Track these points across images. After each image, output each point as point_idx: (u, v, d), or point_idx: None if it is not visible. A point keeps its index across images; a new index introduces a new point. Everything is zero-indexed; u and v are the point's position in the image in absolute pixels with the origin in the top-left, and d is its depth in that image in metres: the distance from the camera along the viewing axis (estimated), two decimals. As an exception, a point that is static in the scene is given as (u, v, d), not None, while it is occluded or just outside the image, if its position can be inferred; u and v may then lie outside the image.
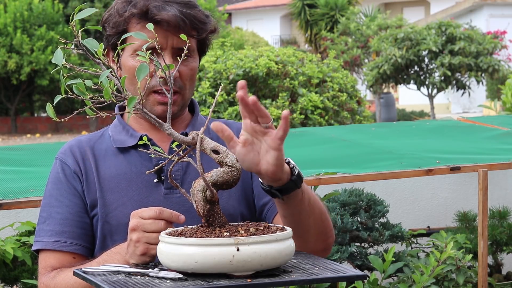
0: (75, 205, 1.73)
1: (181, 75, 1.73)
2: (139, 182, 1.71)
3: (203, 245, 1.33)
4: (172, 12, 1.68)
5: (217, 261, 1.32)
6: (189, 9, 1.71)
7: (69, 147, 1.79)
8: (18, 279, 3.34)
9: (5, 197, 2.90)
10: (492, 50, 15.19)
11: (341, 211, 3.84)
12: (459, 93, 16.93)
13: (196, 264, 1.33)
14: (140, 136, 1.74)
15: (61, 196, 1.74)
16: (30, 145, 4.39)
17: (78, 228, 1.72)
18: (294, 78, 7.28)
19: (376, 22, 18.28)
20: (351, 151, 4.05)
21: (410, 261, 3.72)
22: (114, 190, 1.72)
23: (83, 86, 1.36)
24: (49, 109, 1.39)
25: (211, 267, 1.32)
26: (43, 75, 21.35)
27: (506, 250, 4.28)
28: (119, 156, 1.76)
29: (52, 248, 1.71)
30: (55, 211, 1.73)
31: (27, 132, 22.53)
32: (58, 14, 22.34)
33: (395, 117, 17.88)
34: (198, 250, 1.33)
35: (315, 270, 1.41)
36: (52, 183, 1.76)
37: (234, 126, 1.78)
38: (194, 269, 1.34)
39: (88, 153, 1.77)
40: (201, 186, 1.42)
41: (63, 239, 1.70)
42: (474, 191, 4.61)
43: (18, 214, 3.72)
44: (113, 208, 1.70)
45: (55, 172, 1.77)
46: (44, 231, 1.73)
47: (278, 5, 34.45)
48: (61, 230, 1.71)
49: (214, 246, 1.32)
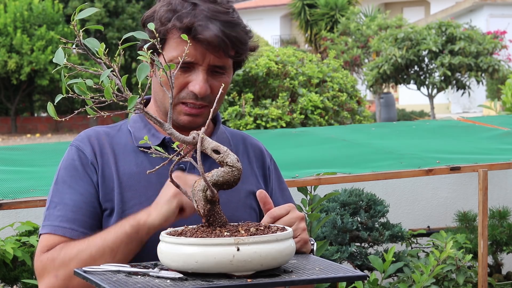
0: (90, 195, 1.69)
1: (213, 91, 1.72)
2: (158, 184, 1.68)
3: (204, 245, 1.33)
4: (214, 32, 1.65)
5: (218, 261, 1.32)
6: (232, 29, 1.68)
7: (87, 136, 1.75)
8: (18, 279, 3.34)
9: (5, 197, 2.90)
10: (492, 50, 15.19)
11: (341, 211, 3.84)
12: (459, 93, 16.93)
13: (196, 264, 1.33)
14: (163, 137, 1.75)
15: (75, 184, 1.70)
16: (30, 145, 4.39)
17: (90, 218, 1.68)
18: (294, 78, 7.29)
19: (376, 22, 18.29)
20: (351, 151, 4.05)
21: (410, 261, 3.72)
22: (133, 188, 1.70)
23: (84, 86, 1.36)
24: (50, 108, 1.39)
25: (212, 267, 1.32)
26: (43, 75, 21.35)
27: (506, 250, 4.27)
28: (139, 154, 1.74)
29: (61, 234, 1.66)
30: (68, 198, 1.68)
31: (27, 132, 22.53)
32: (58, 14, 22.34)
33: (395, 117, 17.88)
34: (198, 250, 1.33)
35: (315, 270, 1.41)
36: (65, 169, 1.72)
37: (248, 141, 1.87)
38: (194, 268, 1.33)
39: (107, 146, 1.74)
40: (202, 186, 1.43)
41: (74, 227, 1.66)
42: (474, 191, 4.61)
43: (18, 214, 3.72)
44: (130, 206, 1.68)
45: (69, 158, 1.73)
46: (54, 216, 1.67)
47: (278, 5, 34.44)
48: (73, 217, 1.66)
49: (215, 246, 1.32)
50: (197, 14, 1.67)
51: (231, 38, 1.68)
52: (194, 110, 1.70)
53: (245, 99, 6.98)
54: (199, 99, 1.70)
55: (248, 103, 7.03)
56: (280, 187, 1.92)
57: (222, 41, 1.66)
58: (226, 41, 1.67)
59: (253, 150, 1.89)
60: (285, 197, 1.90)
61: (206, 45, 1.66)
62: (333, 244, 3.78)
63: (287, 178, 3.18)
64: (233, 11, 1.72)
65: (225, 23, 1.67)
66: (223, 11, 1.69)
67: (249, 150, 1.87)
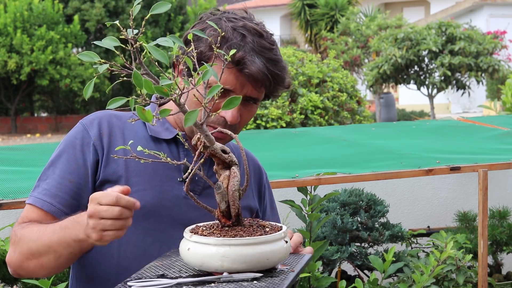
0: (78, 176, 1.73)
1: (241, 119, 1.75)
2: (163, 176, 1.73)
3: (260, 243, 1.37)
4: (259, 68, 1.68)
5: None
6: (274, 67, 1.72)
7: (98, 118, 1.79)
8: (18, 279, 3.34)
9: (5, 197, 2.90)
10: (492, 50, 15.18)
11: (341, 211, 3.84)
12: (459, 93, 16.93)
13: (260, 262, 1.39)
14: (176, 133, 1.78)
15: (68, 162, 1.74)
16: (30, 145, 4.39)
17: (72, 199, 1.72)
18: (294, 78, 7.28)
19: (376, 22, 18.28)
20: (351, 151, 4.05)
21: (410, 261, 3.72)
22: (139, 174, 1.73)
23: (150, 84, 1.32)
24: (87, 88, 1.36)
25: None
26: (43, 75, 21.34)
27: (506, 250, 4.27)
28: (150, 143, 1.77)
29: (40, 206, 1.73)
30: (58, 174, 1.74)
31: (27, 132, 22.53)
32: (58, 14, 22.33)
33: (395, 117, 17.88)
34: (264, 248, 1.38)
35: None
36: (65, 145, 1.77)
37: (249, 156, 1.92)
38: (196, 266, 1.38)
39: (117, 130, 1.77)
40: (237, 186, 1.42)
41: (53, 202, 1.72)
42: (474, 191, 4.62)
43: (18, 214, 3.71)
44: (134, 191, 1.69)
45: (73, 135, 1.77)
46: (40, 188, 1.75)
47: (278, 5, 34.44)
48: (55, 193, 1.72)
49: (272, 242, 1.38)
50: (245, 46, 1.69)
51: (273, 75, 1.71)
52: (220, 135, 1.69)
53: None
54: (227, 127, 1.72)
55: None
56: (272, 207, 1.98)
57: (265, 77, 1.70)
58: (269, 78, 1.70)
59: (253, 165, 1.93)
60: (275, 217, 1.98)
61: (248, 77, 1.69)
62: (333, 244, 3.78)
63: (287, 178, 3.18)
64: (276, 46, 1.75)
65: (269, 60, 1.71)
66: (268, 47, 1.72)
67: (249, 164, 1.90)
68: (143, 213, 1.70)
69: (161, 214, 1.73)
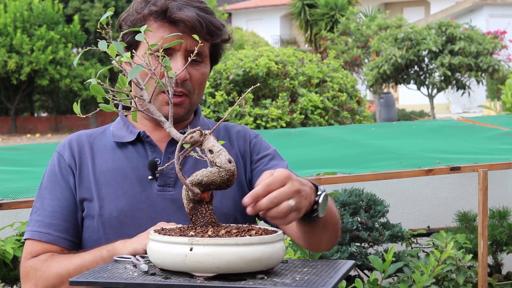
0: (65, 199, 1.75)
1: (192, 79, 1.75)
2: (134, 178, 1.74)
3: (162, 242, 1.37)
4: (190, 14, 1.71)
5: (172, 259, 1.35)
6: (206, 14, 1.74)
7: (69, 140, 1.82)
8: (18, 279, 3.34)
9: (5, 197, 2.90)
10: (492, 50, 15.19)
11: (341, 211, 3.84)
12: (459, 93, 16.93)
13: (158, 260, 1.37)
14: (138, 133, 1.78)
15: (53, 189, 1.77)
16: (30, 145, 4.39)
17: (66, 222, 1.74)
18: (294, 78, 7.29)
19: (376, 22, 18.28)
20: (351, 151, 4.05)
21: (410, 261, 3.72)
22: (109, 184, 1.74)
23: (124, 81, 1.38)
24: (75, 107, 1.44)
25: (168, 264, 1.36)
26: (43, 75, 21.35)
27: (506, 250, 4.27)
28: (116, 151, 1.78)
29: (38, 239, 1.74)
30: (47, 203, 1.76)
31: (27, 132, 22.54)
32: (58, 14, 22.33)
33: (395, 117, 17.88)
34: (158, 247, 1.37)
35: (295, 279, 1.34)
36: (47, 175, 1.80)
37: (233, 128, 1.87)
38: (158, 264, 1.38)
39: (86, 147, 1.79)
40: (185, 185, 1.43)
41: (50, 231, 1.74)
42: (474, 191, 4.61)
43: (18, 214, 3.72)
44: (107, 202, 1.72)
45: (52, 164, 1.80)
46: (34, 221, 1.76)
47: (278, 5, 34.45)
48: (50, 222, 1.74)
49: (170, 244, 1.35)
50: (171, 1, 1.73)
51: (206, 21, 1.73)
52: (175, 99, 1.70)
53: (245, 99, 6.98)
54: (179, 86, 1.72)
55: (248, 103, 7.04)
56: (266, 155, 1.85)
57: (198, 22, 1.71)
58: (202, 23, 1.72)
59: (236, 132, 1.88)
60: (271, 164, 1.82)
61: (183, 27, 1.71)
62: (333, 244, 3.78)
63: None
64: (204, 3, 1.78)
65: (199, 9, 1.74)
66: (196, 0, 1.76)
67: (231, 133, 1.86)
68: (120, 220, 1.71)
69: (139, 216, 1.72)
